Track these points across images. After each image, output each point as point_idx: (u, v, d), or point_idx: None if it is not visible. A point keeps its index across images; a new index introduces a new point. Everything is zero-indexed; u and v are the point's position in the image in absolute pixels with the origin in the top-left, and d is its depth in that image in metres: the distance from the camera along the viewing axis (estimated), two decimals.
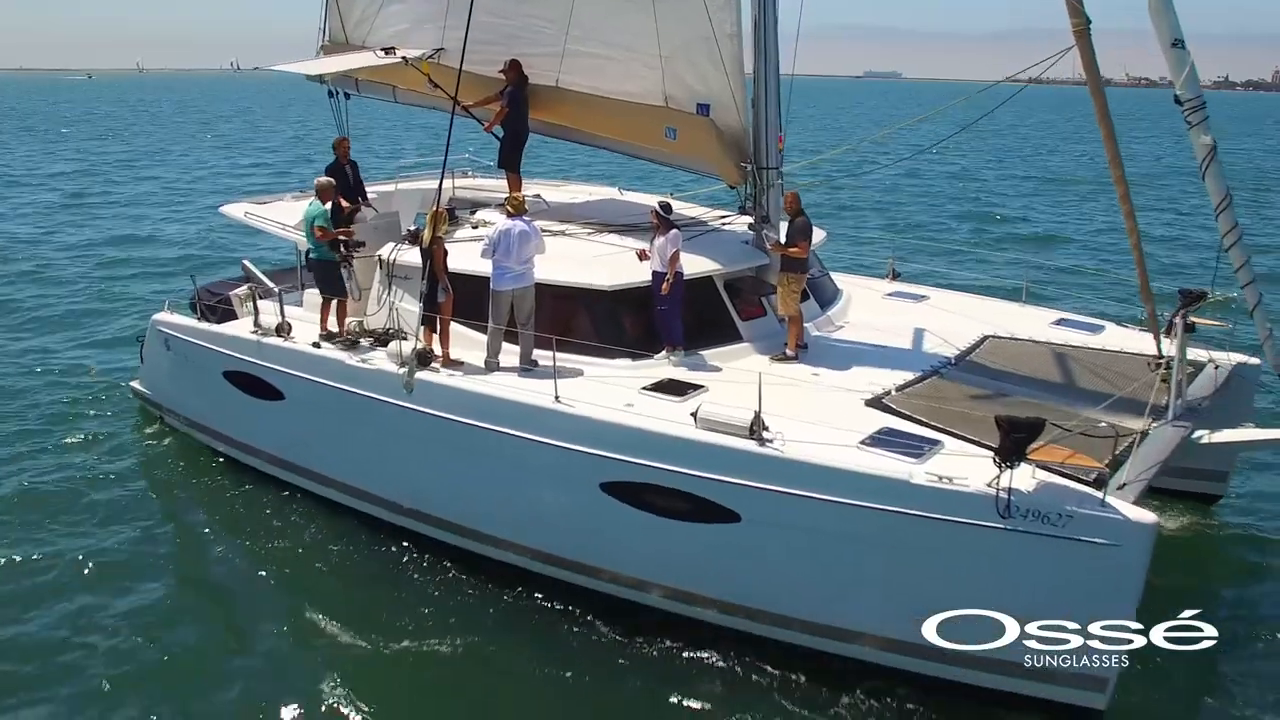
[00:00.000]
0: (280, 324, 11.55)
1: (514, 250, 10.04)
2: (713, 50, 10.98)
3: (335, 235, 11.43)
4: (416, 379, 9.81)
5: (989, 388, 9.90)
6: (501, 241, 10.04)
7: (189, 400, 13.42)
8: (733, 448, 8.34)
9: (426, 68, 12.40)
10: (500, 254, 10.06)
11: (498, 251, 10.06)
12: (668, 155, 11.69)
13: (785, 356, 10.52)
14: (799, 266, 10.55)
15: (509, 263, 10.06)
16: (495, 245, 10.06)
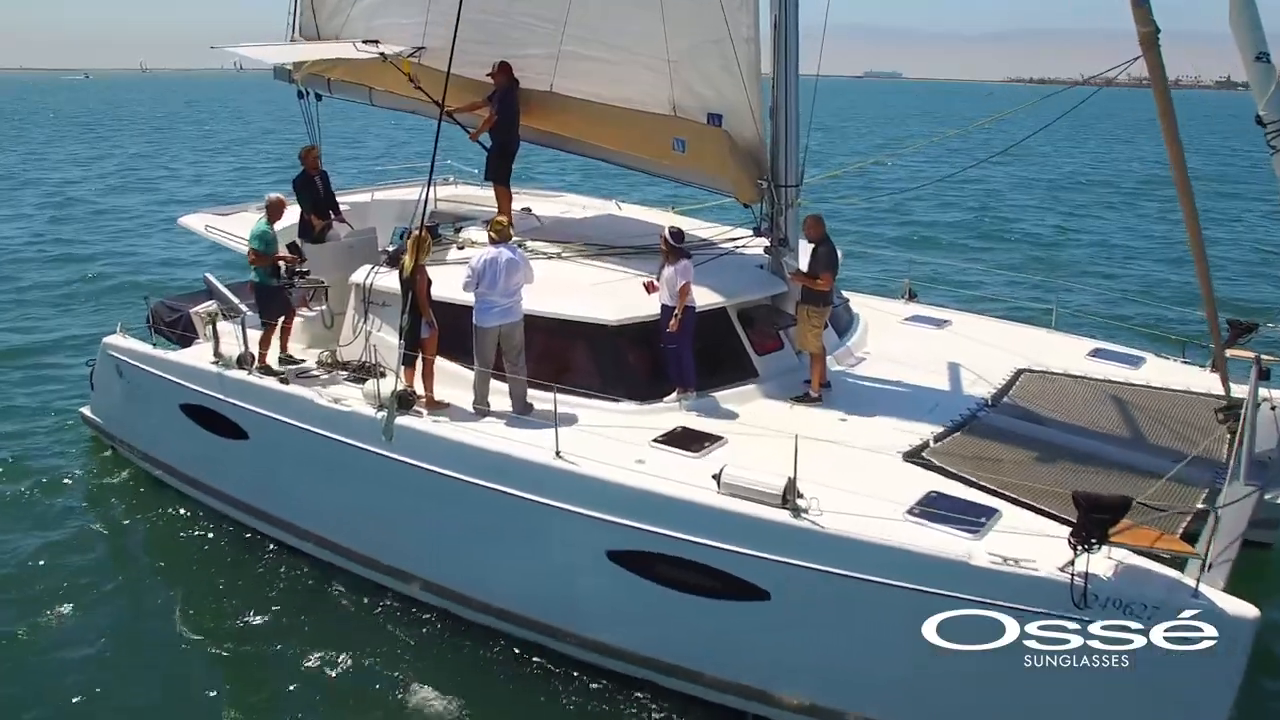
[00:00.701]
0: (244, 354, 10.36)
1: (500, 281, 8.92)
2: (727, 54, 9.86)
3: (272, 260, 10.32)
4: (397, 424, 8.73)
5: (1037, 437, 8.91)
6: (486, 272, 8.92)
7: (143, 432, 12.20)
8: (763, 519, 7.29)
9: (407, 67, 11.21)
10: (485, 286, 8.93)
11: (482, 283, 8.94)
12: (675, 169, 10.59)
13: (808, 398, 9.49)
14: (822, 299, 9.50)
15: (494, 295, 8.94)
16: (479, 276, 8.94)
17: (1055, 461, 8.41)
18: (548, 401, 9.04)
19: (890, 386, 10.04)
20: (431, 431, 8.79)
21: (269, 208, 10.52)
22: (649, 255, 10.40)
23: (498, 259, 8.91)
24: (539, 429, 8.57)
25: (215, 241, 12.42)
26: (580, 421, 8.82)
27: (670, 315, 9.02)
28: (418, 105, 11.95)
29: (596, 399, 9.10)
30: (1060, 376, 10.50)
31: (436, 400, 9.24)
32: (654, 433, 8.56)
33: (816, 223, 9.48)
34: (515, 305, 9.01)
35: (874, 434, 8.75)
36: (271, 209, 10.49)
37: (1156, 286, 23.41)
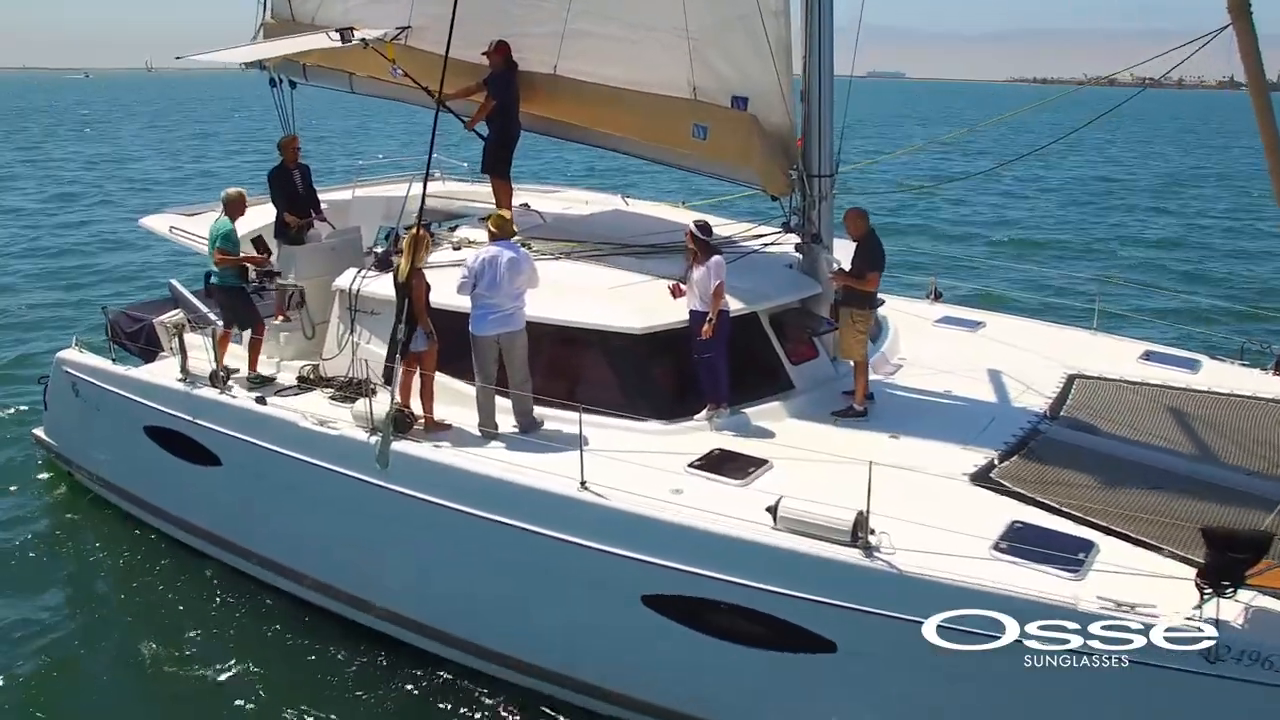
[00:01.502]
0: (215, 371, 9.22)
1: (502, 283, 7.85)
2: (755, 31, 8.83)
3: (239, 261, 9.25)
4: (393, 450, 7.66)
5: (1108, 453, 7.98)
6: (485, 272, 7.85)
7: (102, 457, 11.00)
8: (830, 559, 6.28)
9: (392, 52, 10.09)
10: (484, 288, 7.87)
11: (480, 284, 7.87)
12: (695, 159, 9.54)
13: (851, 412, 8.50)
14: (868, 302, 8.52)
15: (495, 299, 7.88)
16: (477, 277, 7.87)
17: (1135, 481, 7.48)
18: (558, 420, 8.04)
19: (937, 398, 9.08)
20: (433, 458, 7.71)
21: (228, 204, 9.46)
22: (668, 254, 9.38)
23: (498, 258, 7.84)
24: (557, 454, 7.52)
25: (181, 245, 11.22)
26: (601, 444, 7.77)
27: (702, 321, 8.00)
28: (404, 92, 10.84)
29: (617, 418, 8.05)
30: (1116, 383, 9.60)
31: (436, 421, 8.16)
32: (687, 456, 7.54)
33: (860, 216, 8.49)
34: (517, 311, 7.95)
35: (931, 453, 7.78)
36: (231, 205, 9.43)
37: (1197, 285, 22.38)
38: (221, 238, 9.15)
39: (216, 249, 9.12)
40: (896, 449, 7.87)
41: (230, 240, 9.20)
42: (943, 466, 7.52)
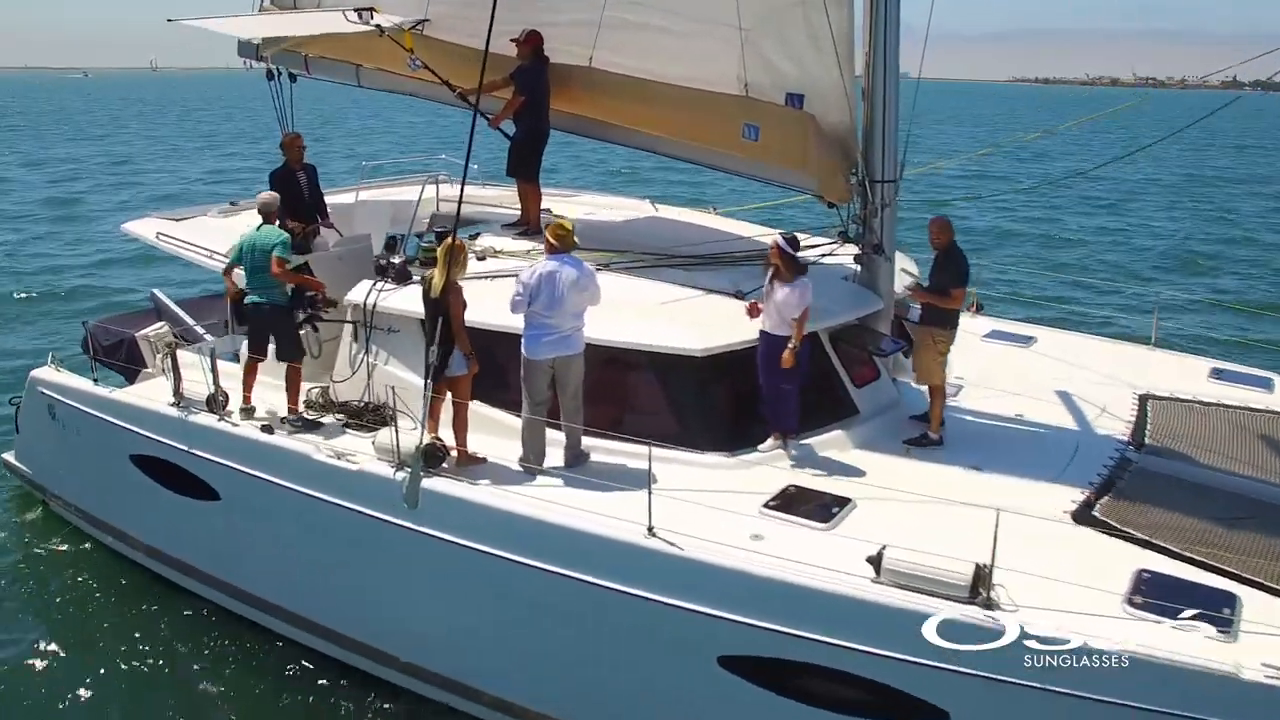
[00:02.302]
0: (213, 395, 8.24)
1: (561, 301, 6.99)
2: (814, 21, 8.05)
3: (306, 283, 8.22)
4: (423, 487, 6.77)
5: (1209, 484, 7.29)
6: (543, 289, 6.98)
7: (82, 486, 9.99)
8: (946, 618, 5.47)
9: (410, 42, 9.17)
10: (542, 306, 6.99)
11: (537, 302, 7.00)
12: (744, 161, 8.72)
13: (926, 440, 7.71)
14: (950, 320, 7.74)
15: (553, 319, 7.01)
16: (533, 293, 7.00)
17: (1246, 517, 6.77)
18: (605, 452, 7.20)
19: (1009, 423, 8.33)
20: (471, 497, 6.81)
21: (268, 210, 8.36)
22: (717, 266, 8.55)
23: (557, 274, 6.97)
24: (613, 493, 6.66)
25: (170, 253, 10.21)
26: (660, 481, 6.92)
27: (775, 345, 7.19)
28: (420, 86, 9.93)
29: (674, 450, 7.21)
30: (1191, 404, 8.91)
31: (470, 454, 7.26)
32: (758, 494, 6.71)
33: (944, 226, 7.71)
34: (576, 333, 7.09)
35: (1022, 489, 7.02)
36: (268, 211, 8.37)
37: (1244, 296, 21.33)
38: (283, 245, 7.98)
39: (277, 257, 7.92)
40: (983, 484, 7.09)
41: (289, 249, 8.09)
42: (1039, 504, 6.75)
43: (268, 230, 8.09)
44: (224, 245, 9.77)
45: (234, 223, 10.52)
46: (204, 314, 12.01)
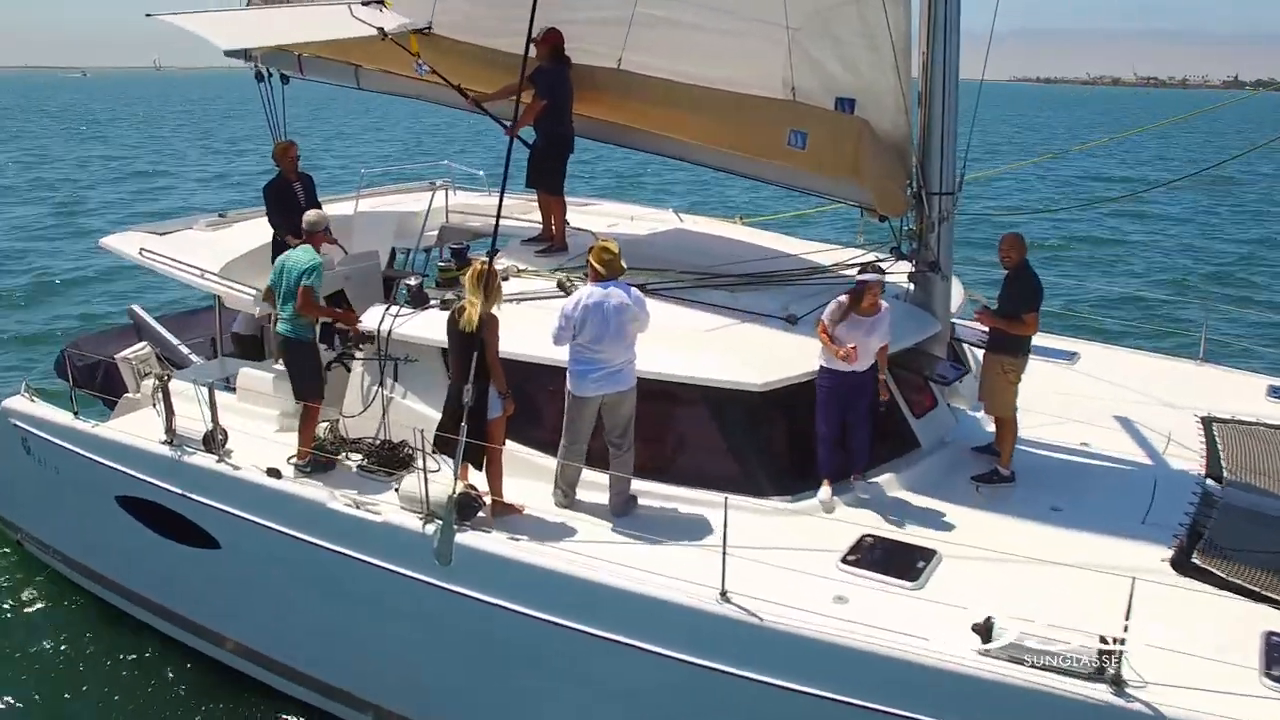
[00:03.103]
0: (211, 433, 7.44)
1: (610, 332, 6.28)
2: (870, 19, 7.41)
3: (335, 317, 7.41)
4: (458, 541, 6.05)
5: None
6: (590, 319, 6.27)
7: (61, 527, 9.14)
8: (1071, 697, 4.84)
9: (415, 46, 8.39)
10: (588, 338, 6.29)
11: (583, 334, 6.29)
12: (789, 171, 8.03)
13: (997, 476, 7.10)
14: (1022, 347, 7.13)
15: (603, 352, 6.30)
16: (578, 325, 6.28)
17: None
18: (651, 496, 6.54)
19: (1076, 455, 7.75)
20: (513, 555, 6.08)
21: (313, 230, 7.52)
22: (759, 285, 7.87)
23: (605, 302, 6.26)
24: (671, 548, 5.98)
25: (156, 272, 9.36)
26: (718, 531, 6.25)
27: (857, 381, 6.58)
28: (425, 89, 9.15)
29: (729, 494, 6.53)
30: (1259, 427, 8.38)
31: (506, 503, 6.54)
32: (831, 546, 6.05)
33: (1018, 243, 7.08)
34: (627, 366, 6.39)
35: (1110, 533, 6.43)
36: (314, 231, 7.51)
37: None
38: (311, 272, 7.15)
39: (303, 285, 7.11)
40: (1068, 530, 6.50)
41: (320, 277, 7.27)
42: (1133, 553, 6.17)
43: (300, 252, 7.28)
44: (214, 262, 8.98)
45: (223, 237, 9.70)
46: (187, 330, 11.18)
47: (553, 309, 7.35)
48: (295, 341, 7.23)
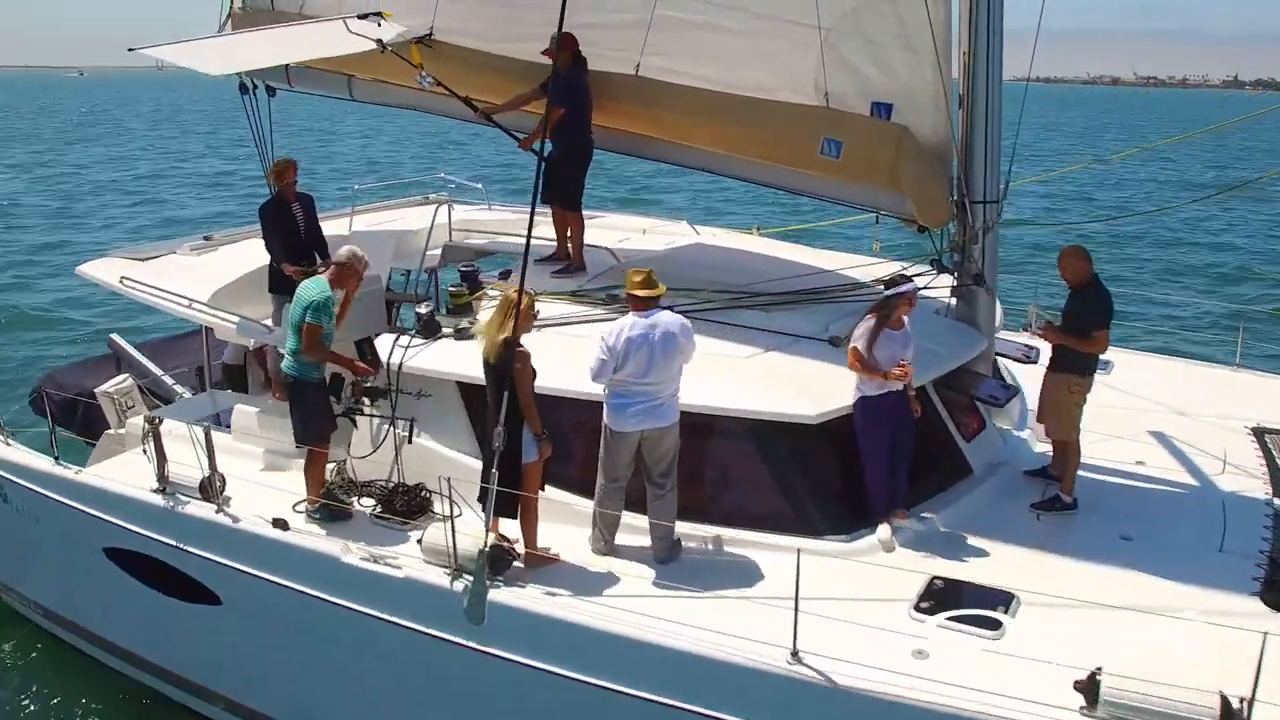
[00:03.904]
0: (209, 479, 6.83)
1: (654, 365, 5.76)
2: (907, 18, 6.95)
3: (342, 364, 6.77)
4: (491, 598, 5.51)
5: None
6: (633, 351, 5.75)
7: (44, 580, 8.49)
8: None
9: (417, 57, 7.82)
10: (632, 372, 5.76)
11: (626, 368, 5.76)
12: (821, 181, 7.53)
13: (1059, 504, 6.65)
14: (1090, 366, 6.68)
15: (648, 384, 5.77)
16: (622, 357, 5.75)
17: None
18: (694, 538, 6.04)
19: (1133, 477, 7.30)
20: (553, 613, 5.52)
21: (343, 267, 6.74)
22: (793, 304, 7.37)
23: (650, 333, 5.74)
24: (723, 596, 5.47)
25: (137, 301, 8.71)
26: (769, 577, 5.76)
27: (876, 410, 6.09)
28: (423, 99, 8.58)
29: (781, 535, 6.04)
30: None
31: (541, 553, 5.99)
32: (898, 589, 5.56)
33: (1082, 257, 6.62)
34: (671, 400, 5.87)
35: (1190, 565, 5.98)
36: (345, 270, 6.73)
37: None
38: (318, 309, 6.42)
39: (308, 322, 6.44)
40: (1146, 563, 6.04)
41: (328, 314, 6.51)
42: (1218, 586, 5.73)
43: (313, 283, 6.64)
44: (202, 290, 8.36)
45: (210, 261, 9.07)
46: (170, 358, 10.54)
47: (577, 335, 6.87)
48: (298, 382, 6.62)
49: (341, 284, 6.67)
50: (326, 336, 6.51)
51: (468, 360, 6.83)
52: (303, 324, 6.44)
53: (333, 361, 6.63)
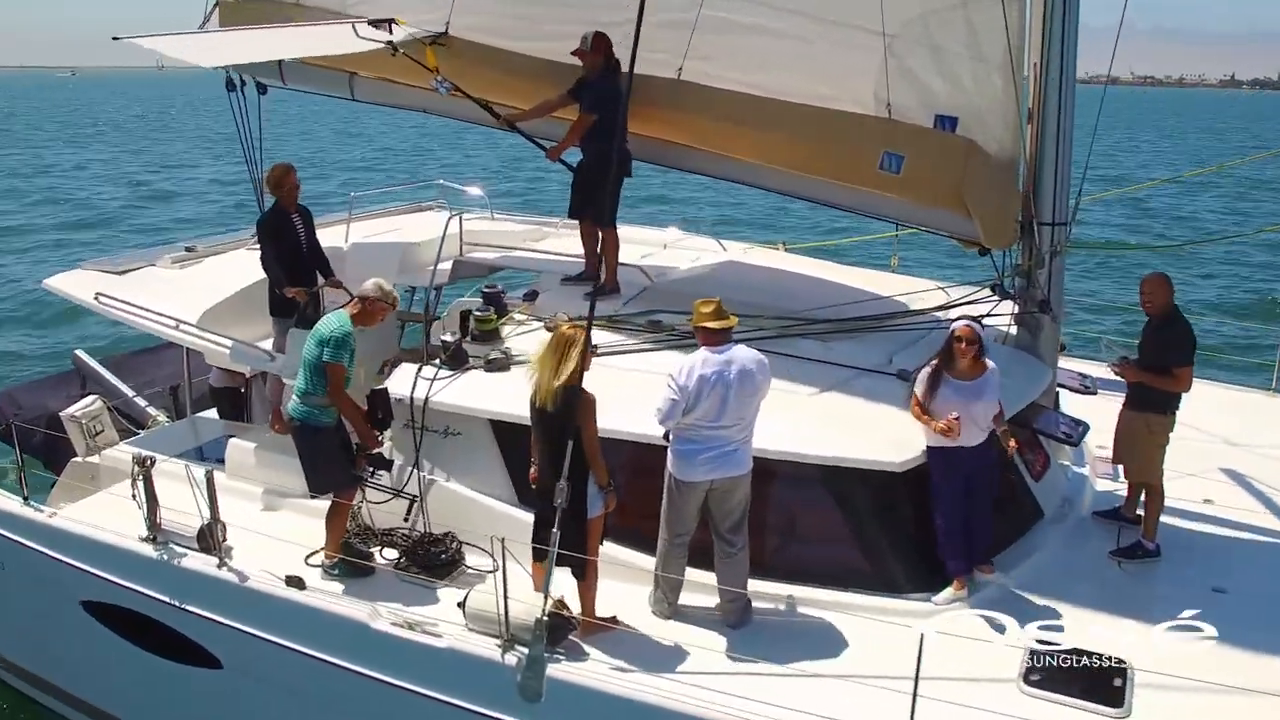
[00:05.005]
0: (207, 528, 6.07)
1: (728, 407, 5.15)
2: (978, 25, 6.44)
3: (354, 421, 6.00)
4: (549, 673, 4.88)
5: None
6: (707, 390, 5.13)
7: (12, 635, 7.62)
8: None
9: (433, 60, 7.09)
10: (705, 414, 5.14)
11: (698, 409, 5.14)
12: (879, 199, 6.96)
13: (1141, 550, 6.20)
14: (1172, 405, 6.22)
15: (722, 429, 5.17)
16: (695, 398, 5.13)
17: None
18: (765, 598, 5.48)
19: (1202, 520, 6.87)
20: (626, 693, 4.89)
21: (369, 303, 5.99)
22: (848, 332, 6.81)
23: (725, 371, 5.13)
24: (810, 669, 4.90)
25: (112, 318, 7.86)
26: (855, 644, 5.21)
27: (953, 463, 5.55)
28: (433, 101, 7.84)
29: (861, 594, 5.50)
30: None
31: (600, 618, 5.35)
32: (988, 657, 5.03)
33: (1163, 284, 6.15)
34: (745, 447, 5.27)
35: None
36: (372, 306, 6.00)
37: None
38: (338, 344, 5.72)
39: (326, 359, 5.75)
40: (1249, 618, 5.59)
41: (349, 352, 5.79)
42: None
43: (331, 317, 5.91)
44: (189, 308, 7.56)
45: (194, 275, 8.25)
46: (139, 375, 9.69)
47: (618, 367, 6.24)
48: (307, 426, 5.87)
49: (366, 321, 5.95)
50: (347, 373, 5.79)
51: (500, 394, 6.20)
52: (319, 362, 5.71)
53: (347, 414, 5.89)
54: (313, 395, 5.78)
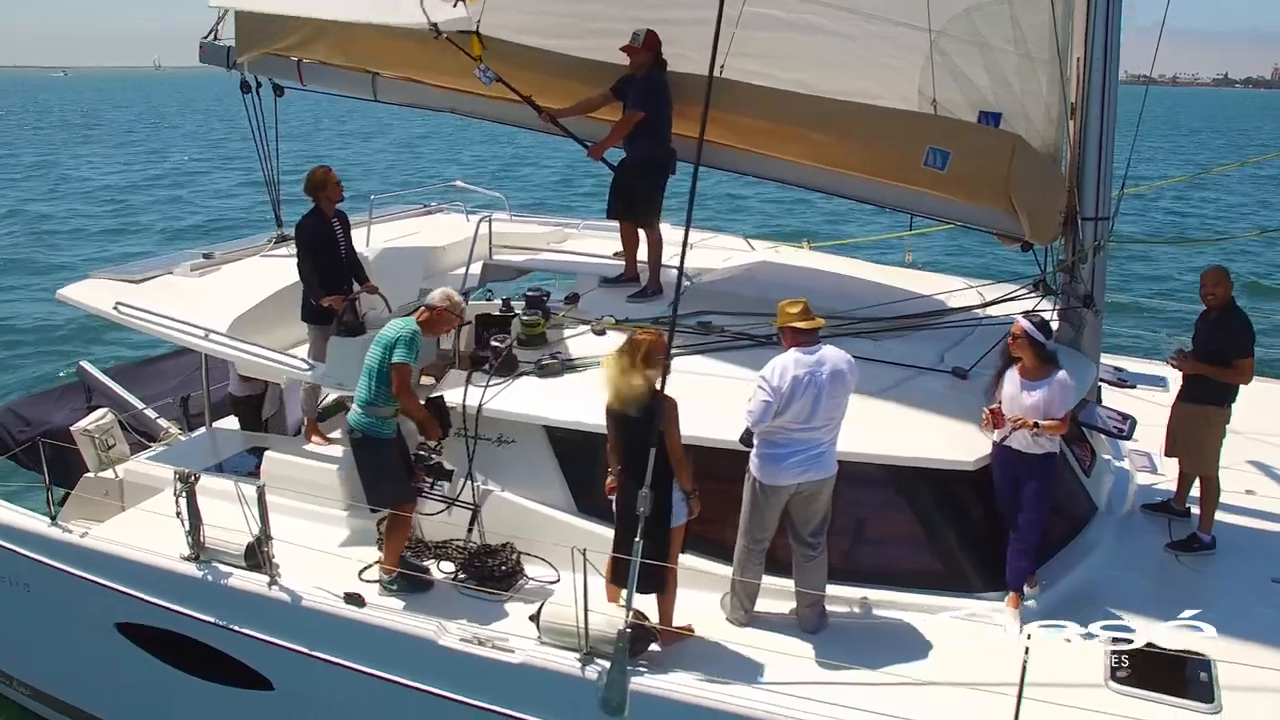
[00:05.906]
0: (258, 543, 5.87)
1: (820, 408, 5.07)
2: (1024, 20, 6.43)
3: (422, 420, 5.83)
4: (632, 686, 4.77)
5: None
6: (799, 391, 5.04)
7: (38, 660, 7.31)
8: None
9: (478, 48, 6.91)
10: (795, 416, 5.06)
11: (789, 411, 5.05)
12: (922, 196, 6.91)
13: (1197, 543, 6.22)
14: (1230, 397, 6.23)
15: (811, 431, 5.08)
16: (787, 399, 5.04)
17: None
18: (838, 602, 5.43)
19: (1250, 514, 6.90)
20: (713, 703, 4.80)
21: (438, 312, 5.89)
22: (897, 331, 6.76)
23: (817, 371, 5.04)
24: (894, 675, 4.84)
25: (134, 329, 7.60)
26: (938, 647, 5.16)
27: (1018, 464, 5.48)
28: (461, 101, 7.68)
29: (935, 595, 5.45)
30: None
31: (678, 628, 5.25)
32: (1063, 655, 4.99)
33: (1223, 278, 6.17)
34: (831, 448, 5.19)
35: None
36: (438, 317, 5.89)
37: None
38: (407, 343, 5.58)
39: (393, 364, 5.56)
40: None
41: (415, 351, 5.64)
42: None
43: (398, 322, 5.74)
44: (217, 316, 7.32)
45: (217, 283, 8.00)
46: (141, 385, 9.42)
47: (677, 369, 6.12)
48: (369, 439, 5.70)
49: (432, 331, 5.80)
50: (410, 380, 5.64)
51: (554, 400, 6.07)
52: (385, 366, 5.55)
53: (413, 412, 5.73)
54: (375, 406, 5.61)
